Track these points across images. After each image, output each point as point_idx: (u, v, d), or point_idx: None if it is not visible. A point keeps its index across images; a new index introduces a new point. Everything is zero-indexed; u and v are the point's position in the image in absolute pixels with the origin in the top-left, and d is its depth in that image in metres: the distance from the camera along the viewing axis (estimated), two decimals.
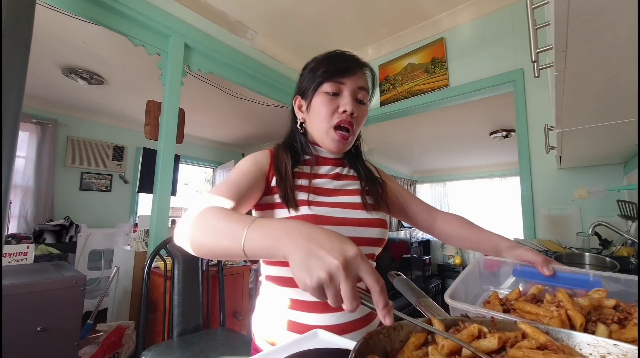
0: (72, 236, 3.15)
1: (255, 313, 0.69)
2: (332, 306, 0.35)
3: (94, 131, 3.99)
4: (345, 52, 0.70)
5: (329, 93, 0.66)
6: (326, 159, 0.73)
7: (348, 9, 2.12)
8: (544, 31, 0.64)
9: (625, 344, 0.29)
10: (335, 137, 0.67)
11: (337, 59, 0.68)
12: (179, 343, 1.42)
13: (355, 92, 0.67)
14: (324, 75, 0.66)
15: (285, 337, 0.60)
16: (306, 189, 0.66)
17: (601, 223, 1.35)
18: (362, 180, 0.74)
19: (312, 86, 0.68)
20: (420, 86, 2.31)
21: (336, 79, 0.66)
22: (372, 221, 0.68)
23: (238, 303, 2.01)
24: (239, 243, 0.41)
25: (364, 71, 0.70)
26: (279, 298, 0.64)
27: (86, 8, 1.67)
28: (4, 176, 1.11)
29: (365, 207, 0.69)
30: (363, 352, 0.30)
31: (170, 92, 1.96)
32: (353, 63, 0.68)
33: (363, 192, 0.71)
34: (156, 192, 1.91)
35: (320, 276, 0.34)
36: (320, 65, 0.68)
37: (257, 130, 4.70)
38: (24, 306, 1.29)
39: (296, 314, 0.61)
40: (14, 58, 1.16)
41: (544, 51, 0.62)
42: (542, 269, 0.53)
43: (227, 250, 0.43)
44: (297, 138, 0.74)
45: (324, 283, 0.34)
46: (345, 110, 0.65)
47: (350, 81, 0.66)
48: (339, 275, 0.34)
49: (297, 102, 0.74)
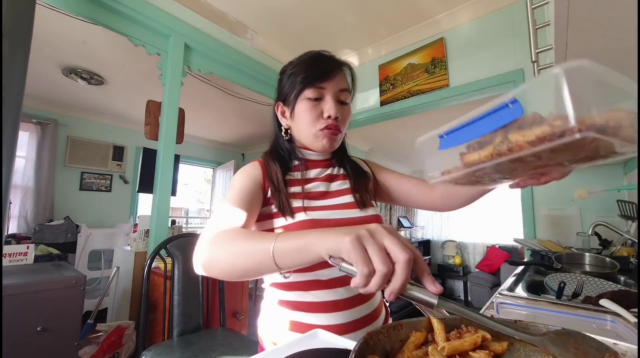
0: (72, 236, 3.15)
1: (261, 316, 0.69)
2: (378, 272, 0.32)
3: (94, 131, 3.99)
4: (323, 52, 0.70)
5: (311, 99, 0.66)
6: (315, 161, 0.73)
7: (348, 9, 2.12)
8: (544, 31, 0.64)
9: (625, 343, 0.29)
10: (325, 134, 0.67)
11: (316, 63, 0.67)
12: (179, 343, 1.42)
13: (337, 95, 0.67)
14: (304, 81, 0.65)
15: (289, 337, 0.60)
16: (300, 196, 0.66)
17: (601, 223, 1.35)
18: (350, 178, 0.74)
19: (294, 93, 0.67)
20: (420, 86, 2.31)
21: (317, 85, 0.65)
22: (367, 218, 0.68)
23: (238, 303, 2.01)
24: (268, 252, 0.42)
25: (343, 70, 0.70)
26: (282, 301, 0.64)
27: (86, 8, 1.67)
28: (4, 176, 1.11)
29: (358, 205, 0.69)
30: (363, 352, 0.30)
31: (170, 92, 1.96)
32: (332, 65, 0.67)
33: (353, 190, 0.71)
34: (156, 192, 1.91)
35: (359, 232, 0.34)
36: (300, 70, 0.67)
37: (257, 130, 4.70)
38: (24, 306, 1.29)
39: (299, 315, 0.61)
40: (14, 58, 1.16)
41: (544, 51, 0.62)
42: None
43: (259, 262, 0.44)
44: (282, 145, 0.74)
45: (364, 237, 0.34)
46: (329, 115, 0.65)
47: (331, 84, 0.66)
48: (380, 230, 0.35)
49: (279, 109, 0.73)
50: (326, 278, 0.62)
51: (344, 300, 0.61)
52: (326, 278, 0.62)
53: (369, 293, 0.38)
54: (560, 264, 1.10)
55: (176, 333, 1.52)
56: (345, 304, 0.61)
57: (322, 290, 0.61)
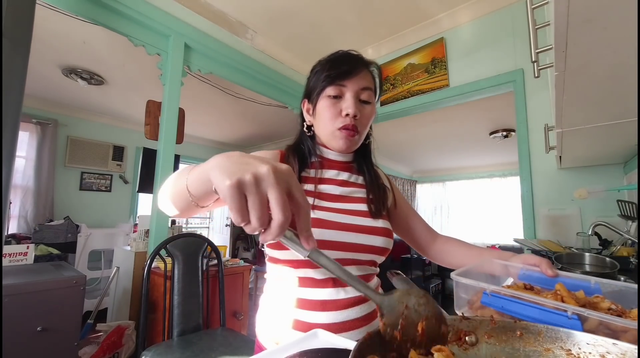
0: (72, 236, 3.15)
1: (259, 311, 0.69)
2: (252, 225, 0.31)
3: (94, 131, 3.99)
4: (350, 52, 0.70)
5: (331, 96, 0.67)
6: (333, 161, 0.73)
7: (348, 9, 2.12)
8: (544, 31, 0.64)
9: (625, 343, 0.29)
10: (342, 134, 0.67)
11: (338, 62, 0.68)
12: (179, 343, 1.42)
13: (358, 93, 0.67)
14: (326, 79, 0.66)
15: (289, 335, 0.60)
16: (312, 194, 0.66)
17: (601, 223, 1.35)
18: (368, 187, 0.73)
19: (317, 90, 0.68)
20: (420, 86, 2.31)
21: (337, 82, 0.66)
22: (377, 229, 0.67)
23: (238, 303, 2.01)
24: (183, 184, 0.42)
25: (369, 69, 0.70)
26: (283, 297, 0.64)
27: (86, 8, 1.67)
28: (4, 176, 1.11)
29: (372, 214, 0.68)
30: (363, 352, 0.30)
31: (170, 92, 1.96)
32: (355, 64, 0.68)
33: (369, 200, 0.71)
34: (156, 192, 1.91)
35: (244, 176, 0.30)
36: (324, 68, 0.68)
37: (257, 130, 4.70)
38: (24, 306, 1.29)
39: (300, 313, 0.61)
40: (14, 58, 1.16)
41: (544, 51, 0.62)
42: (546, 270, 0.53)
43: (179, 194, 0.44)
44: (304, 142, 0.74)
45: (246, 185, 0.30)
46: (347, 113, 0.65)
47: (352, 82, 0.66)
48: (268, 179, 0.31)
49: (305, 106, 0.74)
50: (326, 276, 0.62)
51: (344, 299, 0.61)
52: (324, 276, 0.62)
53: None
54: (560, 264, 1.10)
55: (176, 333, 1.52)
56: (345, 303, 0.61)
57: (322, 289, 0.61)
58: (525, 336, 0.34)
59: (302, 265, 0.61)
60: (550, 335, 0.33)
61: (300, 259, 0.60)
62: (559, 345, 0.33)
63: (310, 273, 0.62)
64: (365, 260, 0.65)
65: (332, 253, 0.61)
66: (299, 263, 0.61)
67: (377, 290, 0.68)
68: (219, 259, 1.79)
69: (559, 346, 0.33)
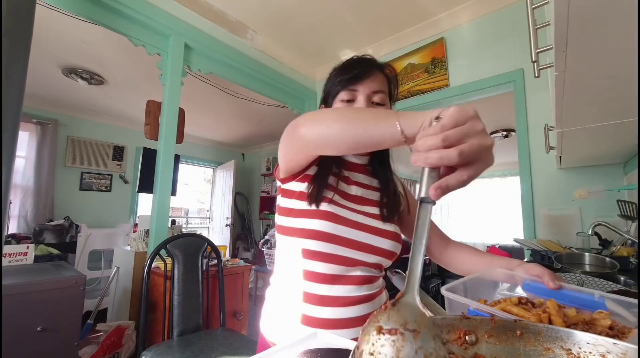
0: (72, 236, 3.15)
1: (265, 305, 0.70)
2: (438, 157, 0.32)
3: (94, 131, 3.99)
4: (363, 56, 0.72)
5: (344, 101, 0.68)
6: (350, 163, 0.74)
7: (348, 9, 2.12)
8: (544, 31, 0.64)
9: (625, 343, 0.29)
10: None
11: (351, 66, 0.70)
12: (179, 343, 1.42)
13: (370, 96, 0.68)
14: (339, 84, 0.68)
15: (296, 330, 0.61)
16: (332, 189, 0.67)
17: (601, 223, 1.35)
18: (382, 191, 0.74)
19: (331, 95, 0.71)
20: (420, 86, 2.31)
21: (349, 87, 0.67)
22: (386, 232, 0.68)
23: (238, 303, 2.01)
24: (394, 126, 0.39)
25: (383, 71, 0.71)
26: (290, 291, 0.65)
27: (86, 8, 1.67)
28: (4, 176, 1.11)
29: (382, 218, 0.69)
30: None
31: (170, 92, 1.96)
32: (366, 67, 0.69)
33: (381, 203, 0.72)
34: (156, 192, 1.91)
35: (471, 110, 0.32)
36: (337, 74, 0.70)
37: (257, 130, 4.70)
38: (24, 306, 1.29)
39: (307, 307, 0.62)
40: (14, 58, 1.16)
41: (544, 51, 0.62)
42: (548, 282, 0.53)
43: (381, 134, 0.41)
44: None
45: (472, 118, 0.32)
46: None
47: (364, 86, 0.67)
48: (483, 133, 0.32)
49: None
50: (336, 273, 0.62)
51: (353, 297, 0.62)
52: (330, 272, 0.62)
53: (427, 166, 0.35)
54: (560, 264, 1.10)
55: (176, 333, 1.52)
56: (353, 300, 0.62)
57: (330, 285, 0.62)
58: (526, 335, 0.34)
59: (309, 235, 0.62)
60: (551, 334, 0.33)
61: (308, 228, 0.62)
62: (559, 345, 0.33)
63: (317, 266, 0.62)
64: (371, 262, 0.66)
65: (341, 250, 0.62)
66: (307, 232, 0.62)
67: (382, 292, 0.69)
68: (219, 259, 1.80)
69: (559, 345, 0.33)
